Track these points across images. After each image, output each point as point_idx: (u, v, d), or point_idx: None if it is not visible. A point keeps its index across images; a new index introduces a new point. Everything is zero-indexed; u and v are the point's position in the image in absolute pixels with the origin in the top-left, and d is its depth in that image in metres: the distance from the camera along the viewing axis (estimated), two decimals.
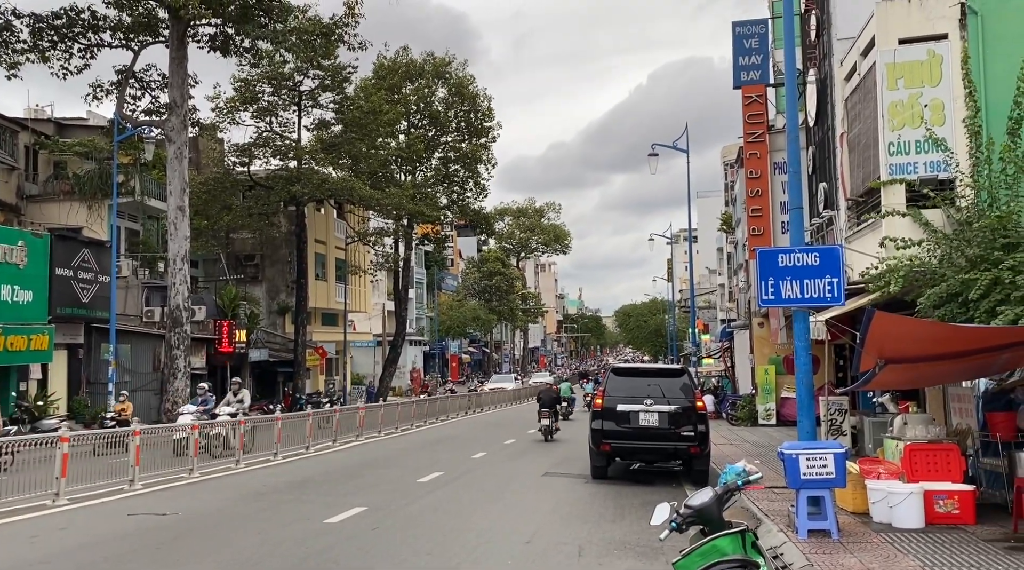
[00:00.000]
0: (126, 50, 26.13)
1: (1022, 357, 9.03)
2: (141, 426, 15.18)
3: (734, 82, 23.74)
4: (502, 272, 79.06)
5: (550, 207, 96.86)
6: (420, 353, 64.03)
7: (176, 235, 24.73)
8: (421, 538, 9.28)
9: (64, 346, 24.71)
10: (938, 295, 10.42)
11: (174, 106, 24.94)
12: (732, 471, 5.25)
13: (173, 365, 24.38)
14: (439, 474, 14.92)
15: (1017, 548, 7.83)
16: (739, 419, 25.75)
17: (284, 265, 40.28)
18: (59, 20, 25.08)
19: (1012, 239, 10.54)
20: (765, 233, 23.40)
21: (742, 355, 31.10)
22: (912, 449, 9.78)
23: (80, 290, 25.12)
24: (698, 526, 4.95)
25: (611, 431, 13.74)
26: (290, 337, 38.25)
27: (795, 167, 10.56)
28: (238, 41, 26.52)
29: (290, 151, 35.99)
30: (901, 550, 7.82)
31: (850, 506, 9.64)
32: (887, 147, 12.21)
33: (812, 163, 18.59)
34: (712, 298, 57.71)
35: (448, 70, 44.31)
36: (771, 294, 9.51)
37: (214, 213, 34.41)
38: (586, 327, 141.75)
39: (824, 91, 17.05)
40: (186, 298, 24.87)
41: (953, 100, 11.97)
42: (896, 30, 12.45)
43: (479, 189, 47.14)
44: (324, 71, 35.04)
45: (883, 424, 12.44)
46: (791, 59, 10.52)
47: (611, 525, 10.10)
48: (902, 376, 9.92)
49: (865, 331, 8.34)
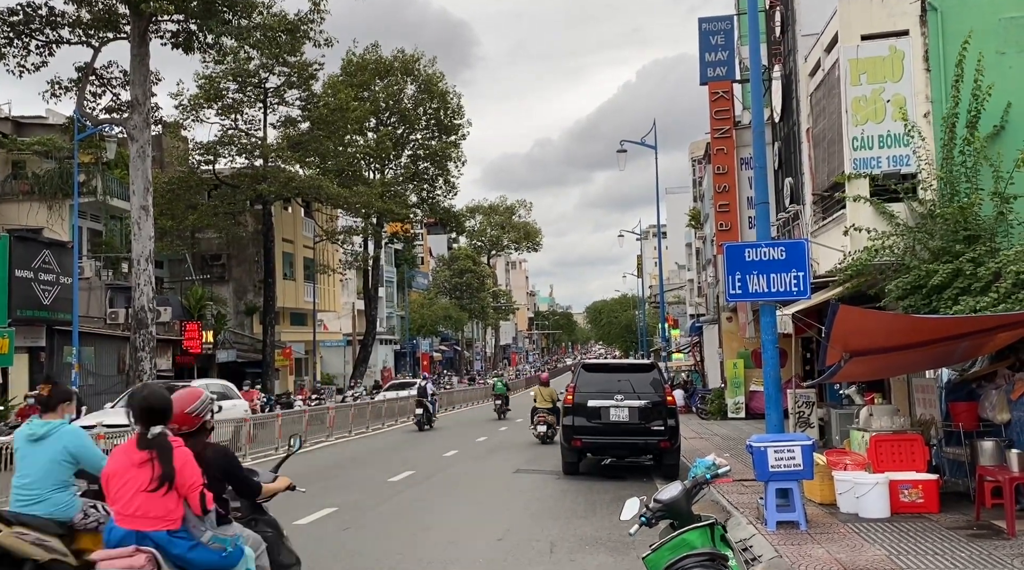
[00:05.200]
0: (86, 47, 25.57)
1: (980, 346, 9.21)
2: (106, 430, 14.89)
3: (700, 78, 23.86)
4: (473, 270, 78.92)
5: (521, 205, 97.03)
6: (391, 352, 63.71)
7: (140, 235, 24.29)
8: (392, 538, 9.23)
9: (25, 349, 24.17)
10: (902, 286, 10.58)
11: (136, 104, 24.49)
12: (702, 465, 5.27)
13: (138, 367, 23.95)
14: (410, 473, 14.84)
15: (979, 535, 7.97)
16: (709, 413, 25.97)
17: (251, 265, 39.84)
18: (15, 16, 24.50)
19: (972, 231, 10.74)
20: (732, 228, 23.58)
21: (711, 350, 31.36)
22: (877, 440, 9.91)
23: (41, 292, 24.60)
24: (668, 520, 4.97)
25: (582, 427, 13.77)
26: (258, 337, 37.84)
27: (761, 162, 10.66)
28: (201, 37, 26.08)
29: (256, 149, 35.57)
30: (868, 539, 7.92)
31: (818, 497, 9.75)
32: (851, 142, 12.35)
33: (778, 158, 18.76)
34: (681, 293, 58.16)
35: (417, 67, 44.12)
36: (738, 288, 9.58)
37: (179, 213, 33.92)
38: (557, 324, 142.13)
39: (789, 87, 17.22)
40: (151, 299, 24.44)
41: (914, 95, 12.15)
42: (859, 26, 12.59)
43: (449, 187, 47.07)
44: (290, 68, 34.68)
45: (849, 416, 12.60)
46: (756, 56, 10.59)
47: (582, 521, 10.12)
48: (867, 368, 10.06)
49: (830, 325, 8.44)
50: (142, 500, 4.13)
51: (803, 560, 7.20)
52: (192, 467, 4.24)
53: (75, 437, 5.51)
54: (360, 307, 50.15)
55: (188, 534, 4.22)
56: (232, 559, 4.37)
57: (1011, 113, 11.64)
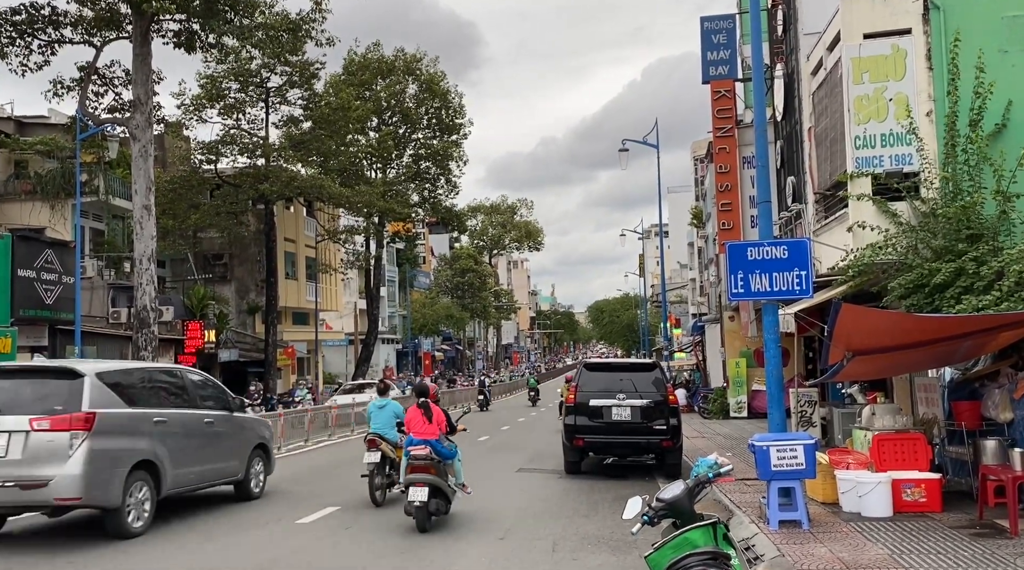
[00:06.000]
0: (88, 46, 25.57)
1: (983, 345, 9.20)
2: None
3: (703, 77, 23.85)
4: (474, 269, 78.94)
5: (522, 204, 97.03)
6: (393, 352, 63.73)
7: (142, 235, 24.29)
8: (394, 537, 9.23)
9: (28, 349, 24.20)
10: (904, 285, 10.57)
11: (138, 103, 24.49)
12: (704, 464, 5.26)
13: None
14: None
15: (982, 534, 7.96)
16: (711, 412, 25.95)
17: (253, 264, 39.83)
18: (18, 16, 24.52)
19: (975, 230, 10.73)
20: (735, 227, 23.56)
21: (713, 349, 31.34)
22: (880, 439, 9.90)
23: (44, 291, 24.62)
24: (670, 519, 4.95)
25: (584, 426, 13.77)
26: (260, 337, 37.84)
27: (763, 161, 10.65)
28: (203, 36, 26.05)
29: (258, 149, 35.54)
30: (870, 538, 7.91)
31: (820, 496, 9.74)
32: (853, 141, 12.34)
33: (780, 157, 18.74)
34: (683, 293, 58.12)
35: (418, 66, 44.09)
36: (741, 287, 9.58)
37: (181, 212, 33.90)
38: (559, 323, 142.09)
39: (791, 86, 17.21)
40: (153, 299, 24.44)
41: (917, 94, 12.14)
42: (861, 25, 12.58)
43: (450, 186, 47.04)
44: (292, 67, 34.63)
45: (852, 415, 12.59)
46: (758, 54, 10.58)
47: (585, 520, 10.12)
48: (869, 367, 10.05)
49: (832, 324, 8.44)
50: (422, 427, 9.80)
51: (805, 559, 7.19)
52: (439, 413, 10.04)
53: (396, 406, 11.84)
54: (362, 306, 50.15)
55: (439, 441, 9.84)
56: (454, 452, 10.20)
57: (1013, 111, 11.63)
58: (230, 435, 11.57)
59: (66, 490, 8.64)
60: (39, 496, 8.72)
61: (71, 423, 8.80)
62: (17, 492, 8.64)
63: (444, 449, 9.79)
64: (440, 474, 9.59)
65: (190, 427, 10.64)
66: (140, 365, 12.37)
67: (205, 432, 10.94)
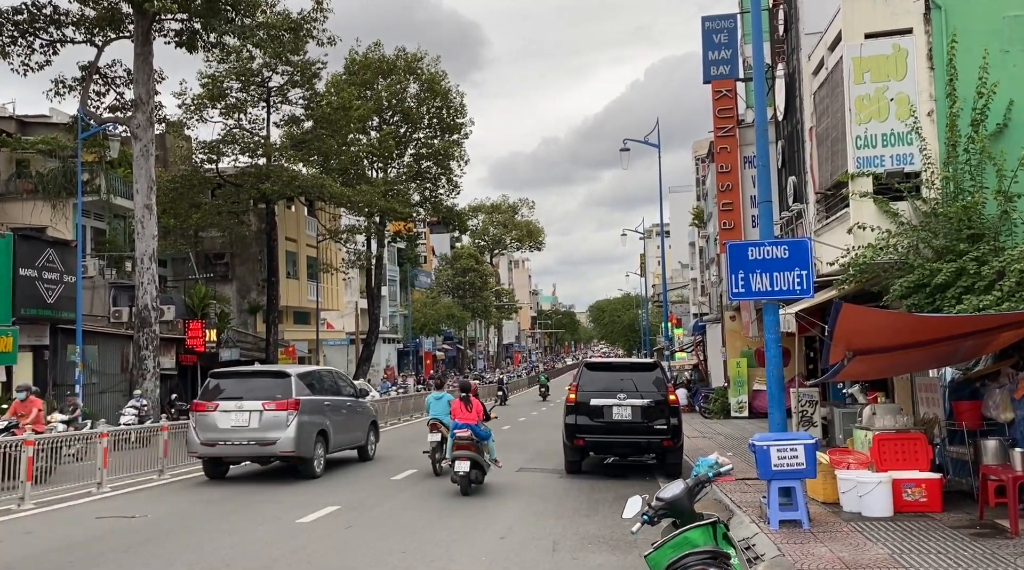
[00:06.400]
0: (90, 46, 25.64)
1: (984, 344, 9.19)
2: (109, 427, 14.95)
3: (704, 77, 23.85)
4: (475, 269, 78.94)
5: (523, 203, 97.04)
6: (394, 351, 63.76)
7: (143, 234, 24.34)
8: (395, 536, 9.23)
9: (29, 348, 24.21)
10: (905, 285, 10.56)
11: (140, 103, 24.53)
12: (704, 463, 5.26)
13: (142, 366, 24.03)
14: (413, 471, 14.86)
15: (983, 534, 7.96)
16: (712, 412, 25.94)
17: (254, 263, 39.86)
18: (20, 16, 24.55)
19: (976, 230, 10.73)
20: (736, 227, 23.55)
21: (714, 349, 31.33)
22: (880, 439, 9.89)
23: (45, 291, 24.63)
24: (670, 518, 4.95)
25: (584, 426, 13.77)
26: (262, 336, 37.87)
27: (764, 161, 10.65)
28: (205, 36, 26.10)
29: (259, 148, 35.56)
30: (870, 538, 7.91)
31: (821, 496, 9.74)
32: (854, 141, 12.33)
33: (781, 157, 18.73)
34: (685, 292, 58.09)
35: (420, 66, 44.10)
36: (741, 287, 9.58)
37: (182, 211, 33.93)
38: (560, 323, 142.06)
39: (792, 85, 17.19)
40: (154, 298, 24.50)
41: (918, 94, 12.13)
42: (862, 25, 12.57)
43: (451, 186, 47.06)
44: (293, 67, 34.67)
45: (853, 415, 12.59)
46: (759, 54, 10.58)
47: (585, 519, 10.12)
48: (870, 367, 10.05)
49: (833, 324, 8.43)
50: (464, 415, 12.29)
51: (806, 559, 7.20)
52: (477, 404, 12.60)
53: (450, 397, 13.96)
54: (363, 306, 50.18)
55: (477, 426, 12.23)
56: (488, 434, 12.58)
57: (1014, 111, 11.62)
58: (358, 414, 16.51)
59: (285, 447, 13.57)
60: (269, 450, 13.68)
61: (287, 405, 13.67)
62: (257, 447, 13.63)
63: (481, 431, 12.43)
64: (478, 451, 12.25)
65: (340, 408, 15.51)
66: (314, 368, 17.58)
67: (347, 412, 15.80)
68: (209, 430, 13.74)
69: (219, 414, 13.79)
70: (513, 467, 15.48)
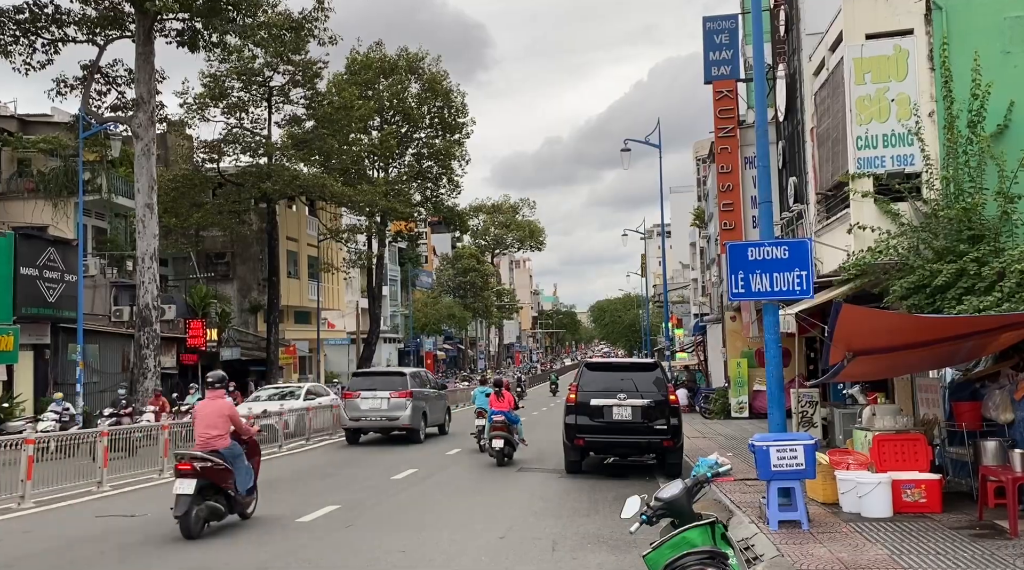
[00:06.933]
0: (91, 45, 25.66)
1: (984, 345, 9.19)
2: (110, 427, 14.96)
3: (705, 77, 23.84)
4: (476, 269, 78.90)
5: (524, 203, 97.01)
6: (395, 351, 63.74)
7: (144, 233, 24.36)
8: (395, 535, 9.24)
9: (30, 347, 24.25)
10: (906, 286, 10.56)
11: (141, 102, 24.56)
12: (704, 464, 5.27)
13: (143, 365, 24.04)
14: (413, 471, 14.87)
15: (982, 535, 7.96)
16: (712, 412, 25.94)
17: (255, 263, 39.88)
18: (22, 15, 24.58)
19: (977, 231, 10.72)
20: (736, 227, 23.55)
21: (715, 349, 31.33)
22: (880, 439, 9.89)
23: (46, 289, 24.67)
24: (669, 518, 4.96)
25: (585, 425, 13.77)
26: (262, 335, 37.89)
27: (764, 162, 10.65)
28: (206, 36, 26.13)
29: (260, 147, 35.59)
30: (870, 539, 7.91)
31: (820, 497, 9.74)
32: (855, 141, 12.32)
33: (782, 158, 18.72)
34: (685, 293, 58.06)
35: (421, 66, 44.10)
36: (741, 287, 9.58)
37: (183, 211, 33.96)
38: (561, 323, 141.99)
39: (793, 86, 17.18)
40: (155, 297, 24.52)
41: (919, 95, 12.12)
42: (863, 25, 12.56)
43: (452, 186, 47.06)
44: (294, 66, 34.70)
45: (853, 415, 12.58)
46: (760, 54, 10.58)
47: (585, 519, 10.13)
48: (870, 367, 10.05)
49: (833, 324, 8.43)
50: (498, 404, 16.04)
51: (805, 559, 7.20)
52: (508, 395, 16.38)
53: (489, 390, 17.43)
54: (364, 305, 50.16)
55: (509, 412, 15.84)
56: (517, 419, 16.25)
57: (1015, 112, 11.60)
58: (441, 401, 23.00)
59: (404, 421, 19.98)
60: (394, 423, 20.12)
61: (406, 394, 20.03)
62: (386, 421, 20.07)
63: (512, 417, 15.95)
64: (509, 432, 15.68)
65: (432, 397, 21.96)
66: (415, 370, 24.41)
67: (435, 399, 22.27)
68: (354, 410, 20.21)
69: (360, 400, 20.10)
70: (513, 467, 15.50)
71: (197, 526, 8.97)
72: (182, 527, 8.92)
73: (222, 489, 9.35)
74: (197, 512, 8.93)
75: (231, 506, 9.57)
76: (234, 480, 9.49)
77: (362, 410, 19.96)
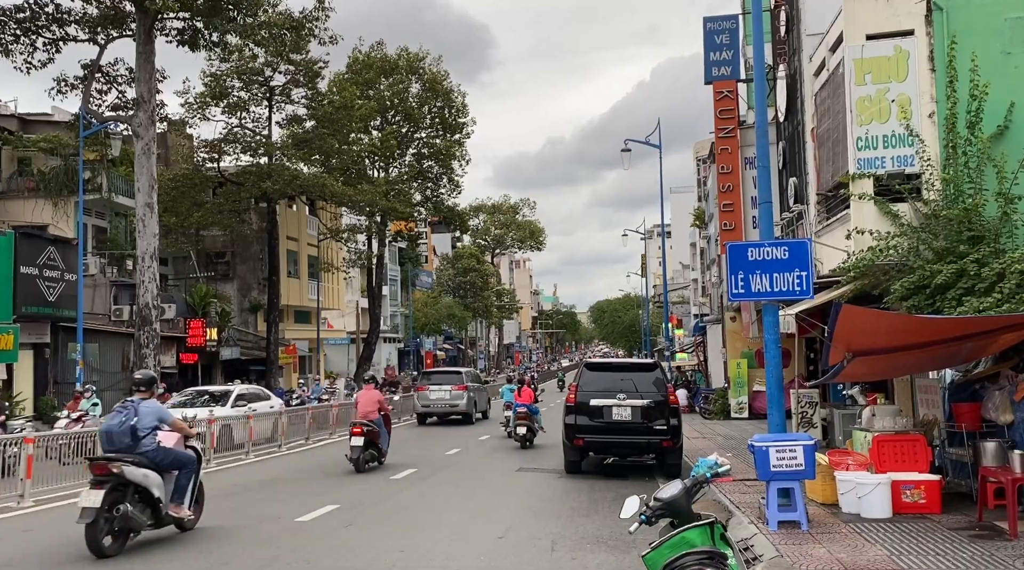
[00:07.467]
0: (92, 44, 25.64)
1: (984, 346, 9.19)
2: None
3: (705, 77, 23.86)
4: (477, 268, 78.88)
5: (524, 203, 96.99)
6: (395, 350, 63.72)
7: (144, 232, 24.35)
8: (394, 535, 9.24)
9: (30, 346, 24.25)
10: (906, 286, 10.56)
11: (141, 101, 24.54)
12: (703, 464, 5.27)
13: (142, 364, 24.02)
14: (412, 471, 14.87)
15: (981, 536, 7.96)
16: (712, 413, 25.94)
17: (256, 262, 39.87)
18: (22, 13, 24.56)
19: (976, 232, 10.72)
20: (736, 228, 23.56)
21: (715, 349, 31.33)
22: (880, 440, 9.89)
23: (46, 288, 24.67)
24: (668, 519, 4.96)
25: (584, 426, 13.77)
26: (262, 335, 37.88)
27: (764, 162, 10.65)
28: (207, 35, 26.10)
29: (261, 147, 35.58)
30: (869, 540, 7.91)
31: (820, 497, 9.74)
32: (855, 142, 12.33)
33: (782, 158, 18.73)
34: (685, 293, 58.05)
35: (422, 66, 44.10)
36: (741, 288, 9.58)
37: (183, 210, 33.94)
38: (561, 323, 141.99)
39: (794, 87, 17.19)
40: (155, 296, 24.50)
41: (919, 95, 12.13)
42: (864, 26, 12.56)
43: (453, 185, 47.06)
44: (295, 66, 34.68)
45: (852, 416, 12.58)
46: (760, 55, 10.58)
47: (584, 519, 10.12)
48: (870, 368, 10.04)
49: (833, 325, 8.43)
50: (520, 398, 19.50)
51: (804, 560, 7.20)
52: (528, 391, 19.78)
53: (514, 386, 21.07)
54: (364, 305, 50.15)
55: (530, 404, 19.51)
56: (537, 410, 20.11)
57: (1015, 113, 11.60)
58: (484, 393, 30.08)
59: (463, 408, 26.81)
60: (454, 410, 26.92)
61: (463, 388, 26.91)
62: (449, 408, 26.81)
63: (532, 408, 19.42)
64: (530, 421, 19.02)
65: (479, 390, 28.91)
66: (467, 369, 31.51)
67: (481, 391, 29.30)
68: (424, 400, 26.98)
69: (429, 392, 26.94)
70: (512, 467, 15.50)
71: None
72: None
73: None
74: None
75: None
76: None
77: (431, 399, 26.90)
